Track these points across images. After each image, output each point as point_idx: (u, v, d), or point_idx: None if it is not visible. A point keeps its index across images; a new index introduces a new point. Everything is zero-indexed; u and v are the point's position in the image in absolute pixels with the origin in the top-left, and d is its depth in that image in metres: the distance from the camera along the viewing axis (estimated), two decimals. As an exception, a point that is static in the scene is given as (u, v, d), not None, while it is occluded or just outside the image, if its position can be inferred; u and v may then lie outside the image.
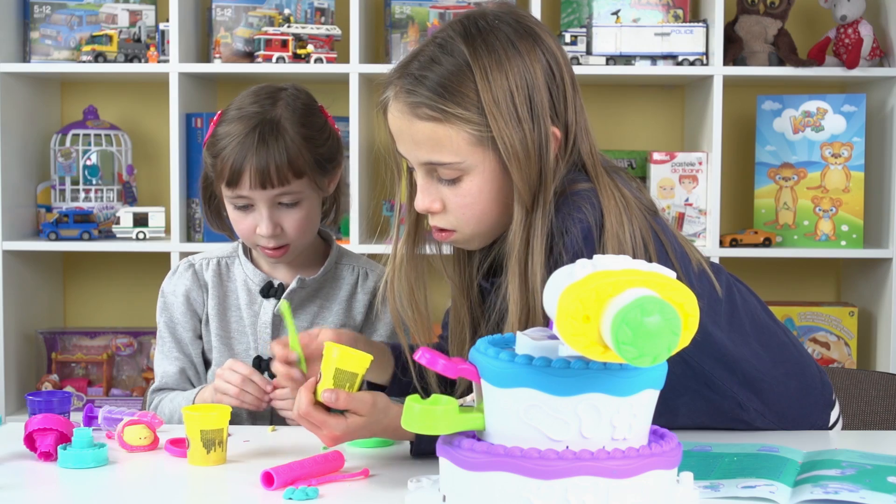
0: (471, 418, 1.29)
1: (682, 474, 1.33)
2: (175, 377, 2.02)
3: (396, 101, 1.58)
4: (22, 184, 3.23)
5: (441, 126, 1.54)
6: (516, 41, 1.57)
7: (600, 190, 1.57)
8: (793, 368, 1.77)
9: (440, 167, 1.57)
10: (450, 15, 3.21)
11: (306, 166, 1.92)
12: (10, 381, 3.16)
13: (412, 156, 1.60)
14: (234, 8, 3.23)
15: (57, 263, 3.44)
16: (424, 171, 1.59)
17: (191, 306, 2.04)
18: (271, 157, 1.89)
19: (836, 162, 3.16)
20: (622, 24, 3.14)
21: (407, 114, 1.56)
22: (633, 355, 1.17)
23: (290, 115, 1.93)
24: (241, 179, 1.90)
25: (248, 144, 1.89)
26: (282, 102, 1.95)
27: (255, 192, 1.90)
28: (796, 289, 3.43)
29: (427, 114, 1.54)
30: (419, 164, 1.59)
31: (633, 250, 1.54)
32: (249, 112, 1.93)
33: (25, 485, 1.49)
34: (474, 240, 1.64)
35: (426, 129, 1.55)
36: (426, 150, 1.56)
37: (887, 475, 1.44)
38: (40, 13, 3.26)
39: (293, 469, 1.46)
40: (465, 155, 1.55)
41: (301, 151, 1.91)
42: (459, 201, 1.58)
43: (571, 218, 1.54)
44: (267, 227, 1.92)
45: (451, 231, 1.62)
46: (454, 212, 1.59)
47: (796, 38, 3.24)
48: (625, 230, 1.54)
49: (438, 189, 1.59)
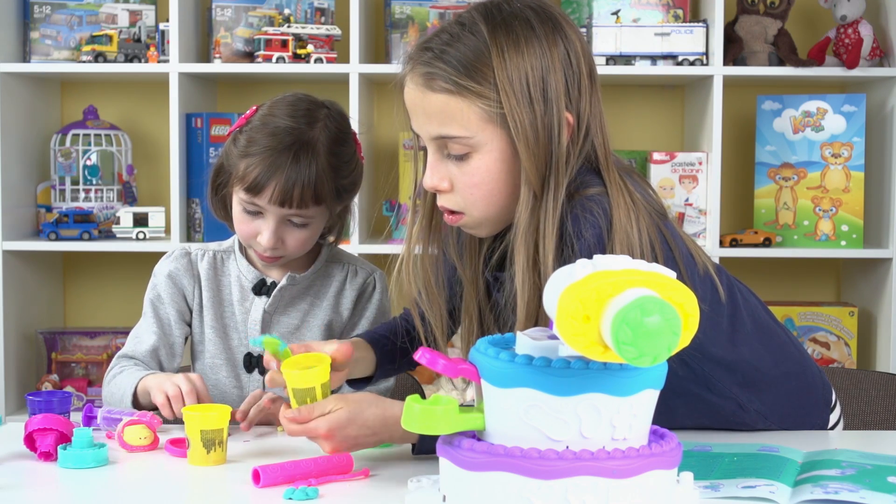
0: (471, 418, 1.29)
1: (682, 474, 1.33)
2: (145, 352, 2.01)
3: (413, 75, 1.59)
4: (22, 184, 3.23)
5: (454, 99, 1.55)
6: (537, 26, 1.58)
7: (610, 190, 1.58)
8: (793, 368, 1.77)
9: (450, 141, 1.57)
10: (450, 15, 3.21)
11: (328, 195, 1.92)
12: (10, 381, 3.16)
13: (424, 130, 1.60)
14: (234, 8, 3.23)
15: (57, 263, 3.44)
16: (435, 146, 1.59)
17: (177, 288, 2.04)
18: (299, 179, 1.88)
19: (836, 162, 3.16)
20: (622, 24, 3.14)
21: (421, 86, 1.57)
22: (633, 355, 1.17)
23: (325, 139, 1.93)
24: (262, 192, 1.90)
25: (281, 163, 1.88)
26: (320, 124, 1.94)
27: (272, 206, 1.91)
28: (796, 289, 3.43)
29: (441, 86, 1.55)
30: (430, 138, 1.59)
31: (641, 252, 1.54)
32: (287, 126, 1.92)
33: (25, 485, 1.49)
34: (483, 224, 1.63)
35: (439, 101, 1.56)
36: (437, 122, 1.57)
37: (887, 475, 1.44)
38: (40, 13, 3.26)
39: (285, 468, 1.46)
40: (475, 130, 1.55)
41: (326, 180, 1.91)
42: (467, 180, 1.58)
43: (584, 222, 1.54)
44: (269, 239, 1.93)
45: (460, 214, 1.62)
46: (462, 191, 1.59)
47: (796, 38, 3.24)
48: (633, 233, 1.54)
49: (447, 167, 1.59)
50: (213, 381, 2.03)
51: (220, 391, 2.03)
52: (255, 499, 1.42)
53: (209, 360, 2.04)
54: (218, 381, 2.03)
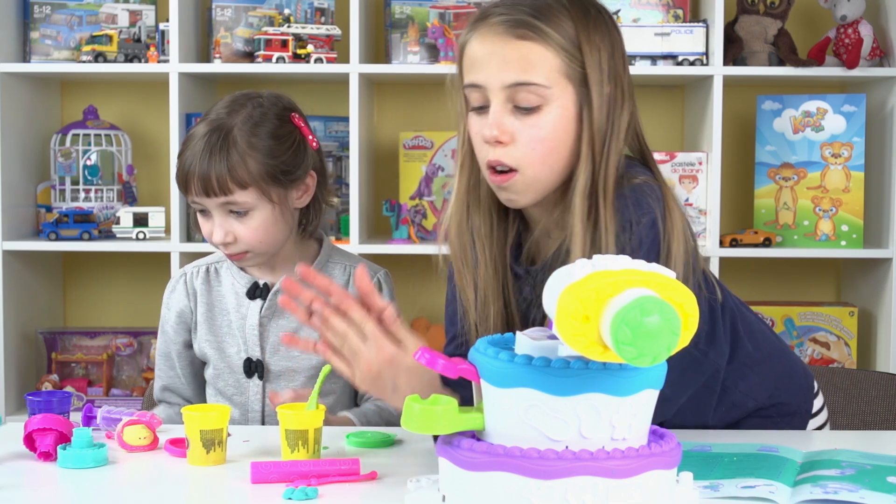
0: (470, 418, 1.29)
1: (682, 474, 1.33)
2: (159, 391, 2.09)
3: (491, 24, 1.60)
4: (22, 184, 3.24)
5: (538, 46, 1.58)
6: (601, 8, 1.65)
7: (659, 179, 1.63)
8: (774, 351, 1.82)
9: (524, 90, 1.58)
10: (450, 15, 3.21)
11: (251, 178, 1.90)
12: (10, 381, 3.16)
13: (496, 78, 1.59)
14: (234, 8, 3.23)
15: (57, 263, 3.45)
16: (504, 96, 1.59)
17: (183, 322, 2.07)
18: (212, 166, 1.89)
19: (836, 162, 3.16)
20: (622, 24, 3.14)
21: (503, 34, 1.58)
22: (633, 355, 1.17)
23: (243, 124, 1.92)
24: (189, 185, 1.91)
25: (197, 151, 1.90)
26: (244, 111, 1.94)
27: (202, 198, 1.91)
28: (796, 289, 3.43)
29: (526, 33, 1.57)
30: (501, 87, 1.59)
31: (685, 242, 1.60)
32: (211, 117, 1.94)
33: (25, 485, 1.49)
34: (531, 187, 1.62)
35: (522, 47, 1.58)
36: (516, 69, 1.58)
37: (887, 475, 1.44)
38: (40, 13, 3.26)
39: (280, 466, 1.46)
40: (552, 81, 1.58)
41: (246, 162, 1.90)
42: (533, 133, 1.59)
43: (640, 208, 1.57)
44: (218, 234, 1.94)
45: (513, 172, 1.61)
46: (523, 145, 1.59)
47: (796, 38, 3.24)
48: (678, 222, 1.60)
49: (511, 120, 1.60)
50: (216, 388, 2.05)
51: (226, 398, 2.04)
52: (255, 499, 1.42)
53: (212, 370, 2.05)
54: (222, 389, 2.04)
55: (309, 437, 1.56)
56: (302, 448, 1.55)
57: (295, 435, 1.56)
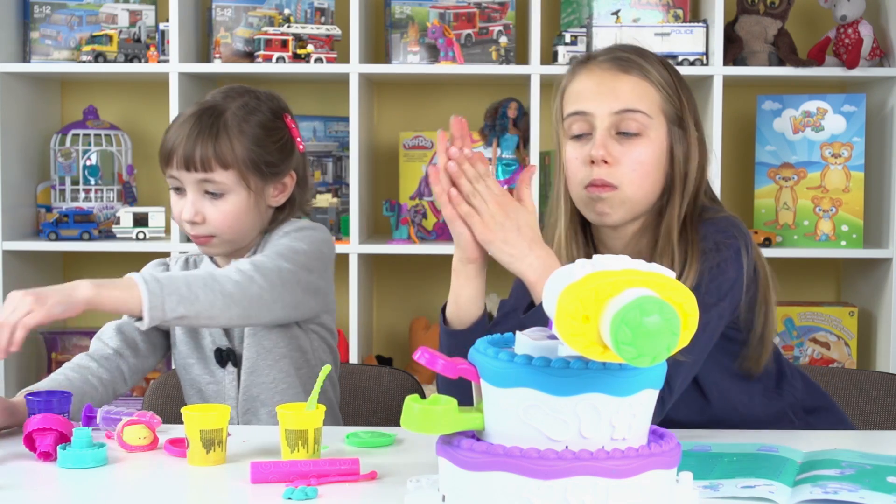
0: (470, 418, 1.29)
1: (682, 474, 1.33)
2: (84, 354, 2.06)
3: (598, 62, 1.82)
4: (22, 184, 3.24)
5: (643, 81, 1.80)
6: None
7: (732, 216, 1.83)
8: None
9: (630, 116, 1.78)
10: (450, 15, 3.21)
11: (234, 160, 1.93)
12: (10, 381, 3.16)
13: (606, 106, 1.78)
14: (234, 8, 3.23)
15: (57, 263, 3.44)
16: (609, 122, 1.78)
17: None
18: (199, 139, 1.92)
19: (836, 162, 3.16)
20: (622, 24, 3.14)
21: (610, 69, 1.81)
22: (633, 355, 1.17)
23: (238, 109, 1.96)
24: (171, 158, 1.94)
25: (186, 126, 1.94)
26: (240, 99, 1.98)
27: (181, 172, 1.93)
28: (796, 289, 3.43)
29: (632, 68, 1.80)
30: (609, 114, 1.78)
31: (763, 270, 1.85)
32: (206, 100, 1.99)
33: (25, 485, 1.49)
34: (625, 205, 1.79)
35: (631, 81, 1.80)
36: (626, 98, 1.79)
37: (887, 475, 1.44)
38: (40, 13, 3.26)
39: (279, 466, 1.46)
40: (653, 112, 1.79)
41: (233, 144, 1.93)
42: (633, 156, 1.78)
43: (724, 235, 1.76)
44: (188, 210, 1.95)
45: (614, 186, 1.78)
46: (625, 165, 1.78)
47: (796, 38, 3.24)
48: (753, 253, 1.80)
49: (615, 145, 1.78)
50: (188, 379, 2.04)
51: (196, 388, 2.03)
52: (255, 499, 1.42)
53: (181, 360, 2.05)
54: (193, 379, 2.03)
55: (309, 436, 1.56)
56: (302, 448, 1.56)
57: (295, 435, 1.56)
